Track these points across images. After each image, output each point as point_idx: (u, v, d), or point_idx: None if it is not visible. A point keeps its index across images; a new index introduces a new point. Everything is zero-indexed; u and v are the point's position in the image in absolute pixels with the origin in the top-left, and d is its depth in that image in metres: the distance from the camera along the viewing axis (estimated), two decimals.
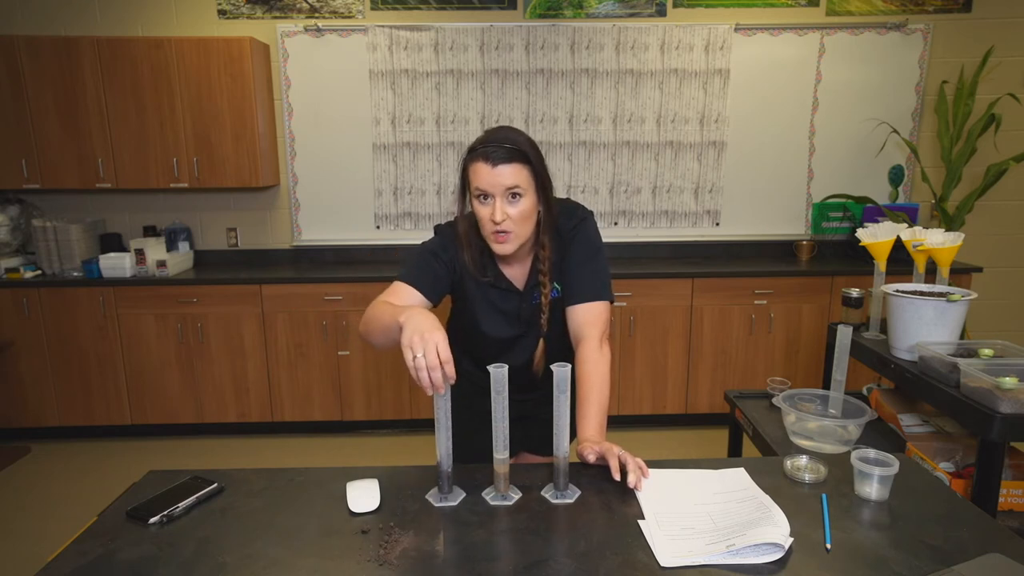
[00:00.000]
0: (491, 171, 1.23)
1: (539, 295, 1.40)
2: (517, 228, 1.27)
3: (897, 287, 1.73)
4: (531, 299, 1.41)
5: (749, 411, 1.93)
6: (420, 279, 1.34)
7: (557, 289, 1.42)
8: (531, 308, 1.41)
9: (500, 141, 1.25)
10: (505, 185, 1.23)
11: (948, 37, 3.55)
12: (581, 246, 1.39)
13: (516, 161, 1.24)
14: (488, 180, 1.23)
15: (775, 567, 0.90)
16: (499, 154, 1.23)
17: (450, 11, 3.49)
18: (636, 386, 3.44)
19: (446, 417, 1.06)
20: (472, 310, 1.42)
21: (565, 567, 0.90)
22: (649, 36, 3.50)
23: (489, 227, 1.27)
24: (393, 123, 3.57)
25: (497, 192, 1.24)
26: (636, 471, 1.12)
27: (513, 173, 1.24)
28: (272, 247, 3.75)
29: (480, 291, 1.41)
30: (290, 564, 0.92)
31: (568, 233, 1.39)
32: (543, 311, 1.39)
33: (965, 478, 1.55)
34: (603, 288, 1.38)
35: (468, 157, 1.28)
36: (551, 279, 1.39)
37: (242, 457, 3.25)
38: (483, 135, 1.29)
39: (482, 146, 1.25)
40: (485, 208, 1.27)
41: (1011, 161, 3.28)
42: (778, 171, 3.69)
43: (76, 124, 3.25)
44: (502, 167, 1.23)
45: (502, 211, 1.24)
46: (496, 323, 1.42)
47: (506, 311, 1.42)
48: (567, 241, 1.39)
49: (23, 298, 3.22)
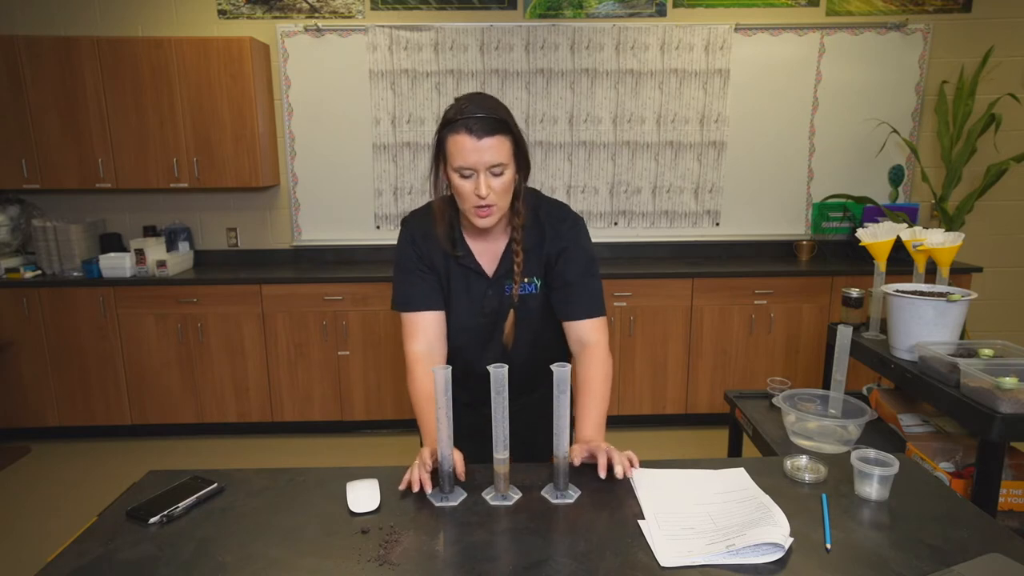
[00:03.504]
0: (476, 145, 1.17)
1: (510, 286, 1.35)
2: (500, 201, 1.24)
3: (897, 287, 1.73)
4: (501, 288, 1.35)
5: (749, 411, 1.93)
6: (424, 300, 1.33)
7: (535, 284, 1.37)
8: (498, 297, 1.36)
9: (481, 111, 1.18)
10: (490, 162, 1.19)
11: (948, 37, 3.55)
12: (582, 254, 1.36)
13: (499, 132, 1.19)
14: (473, 156, 1.18)
15: (775, 567, 0.90)
16: (483, 126, 1.17)
17: (450, 11, 3.49)
18: (636, 386, 3.44)
19: (447, 418, 1.06)
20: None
21: (565, 567, 0.90)
22: (649, 36, 3.50)
23: (472, 201, 1.23)
24: (393, 123, 3.57)
25: (481, 168, 1.19)
26: (623, 462, 1.13)
27: (497, 146, 1.19)
28: (272, 247, 3.75)
29: (446, 273, 1.36)
30: (290, 564, 0.92)
31: (556, 225, 1.35)
32: (513, 300, 1.34)
33: (965, 478, 1.55)
34: (603, 303, 1.39)
35: (447, 129, 1.21)
36: (523, 270, 1.33)
37: (242, 457, 3.25)
38: (459, 104, 1.21)
39: (462, 117, 1.18)
40: (468, 183, 1.21)
41: (1011, 161, 3.27)
42: (778, 171, 3.69)
43: (76, 124, 3.25)
44: (487, 140, 1.17)
45: (487, 185, 1.20)
46: (461, 307, 1.37)
47: (472, 295, 1.36)
48: (554, 232, 1.35)
49: (23, 298, 3.22)
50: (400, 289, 1.36)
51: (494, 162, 1.19)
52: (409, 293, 1.34)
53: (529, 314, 1.38)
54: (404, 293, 1.35)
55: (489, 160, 1.19)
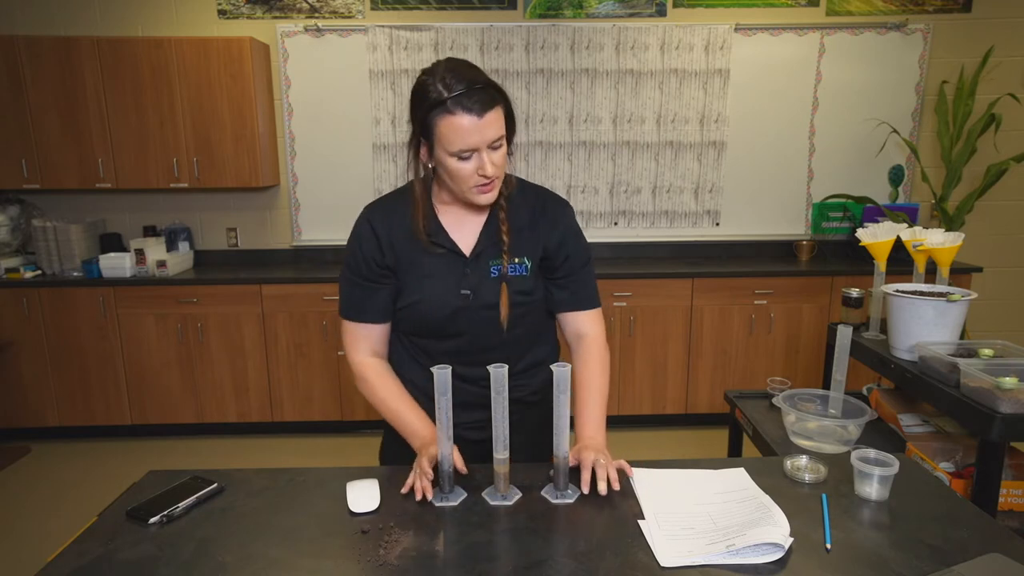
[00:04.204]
0: (477, 124, 1.07)
1: (497, 267, 1.23)
2: (501, 173, 1.16)
3: (897, 287, 1.73)
4: (483, 269, 1.23)
5: (749, 411, 1.93)
6: (377, 313, 1.26)
7: (525, 265, 1.25)
8: (479, 276, 1.23)
9: (470, 84, 1.08)
10: (492, 137, 1.10)
11: (948, 37, 3.55)
12: (581, 242, 1.30)
13: (495, 103, 1.10)
14: (475, 137, 1.08)
15: (775, 567, 0.90)
16: (480, 100, 1.07)
17: (450, 11, 3.49)
18: (636, 386, 3.44)
19: (447, 418, 1.05)
20: (409, 287, 1.25)
21: (565, 567, 0.90)
22: (649, 36, 3.50)
23: (474, 181, 1.14)
24: (393, 123, 3.57)
25: (483, 146, 1.10)
26: (608, 476, 1.11)
27: (496, 120, 1.10)
28: (272, 247, 3.75)
29: (415, 264, 1.24)
30: (290, 564, 0.92)
31: (551, 207, 1.28)
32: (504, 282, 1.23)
33: (965, 478, 1.55)
34: (598, 293, 1.35)
35: (437, 111, 1.08)
36: (510, 248, 1.23)
37: (242, 457, 3.25)
38: (438, 78, 1.08)
39: (452, 95, 1.06)
40: (468, 164, 1.12)
41: (1011, 161, 3.27)
42: (778, 171, 3.69)
43: (76, 124, 3.25)
44: (488, 115, 1.08)
45: (491, 162, 1.12)
46: (435, 289, 1.23)
47: (448, 277, 1.23)
48: (547, 216, 1.27)
49: (23, 298, 3.22)
50: (352, 295, 1.26)
51: (495, 137, 1.11)
52: (363, 304, 1.26)
53: (521, 299, 1.25)
54: (357, 301, 1.26)
55: (491, 136, 1.10)
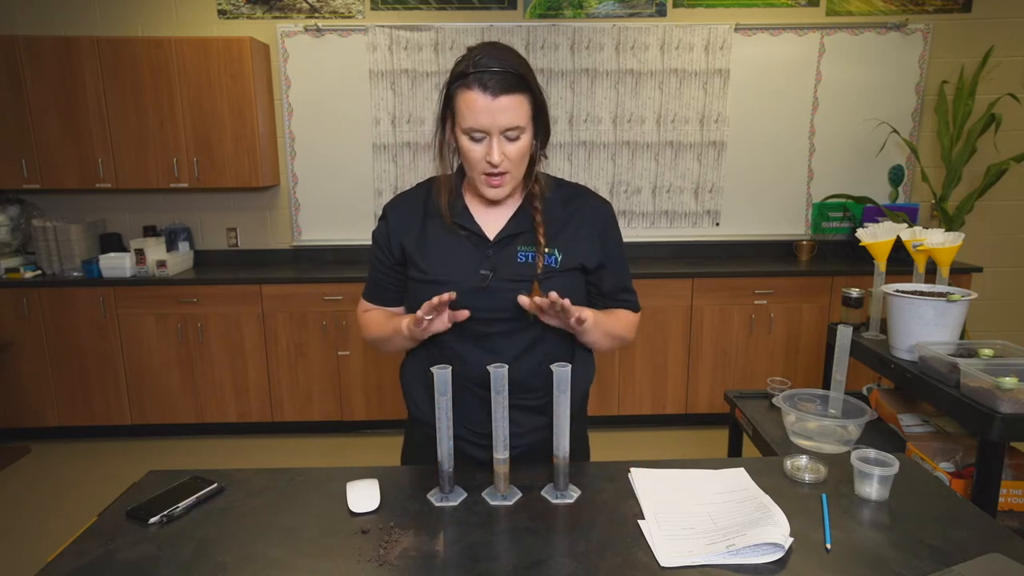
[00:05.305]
0: (490, 103, 1.05)
1: (524, 253, 1.18)
2: (514, 169, 1.12)
3: (897, 287, 1.73)
4: (512, 254, 1.18)
5: (749, 411, 1.93)
6: (394, 300, 1.32)
7: (556, 257, 1.19)
8: (501, 259, 1.17)
9: (497, 64, 1.05)
10: (505, 124, 1.07)
11: (948, 37, 3.55)
12: (618, 237, 1.28)
13: (517, 90, 1.06)
14: (486, 117, 1.06)
15: (775, 567, 0.90)
16: (499, 82, 1.05)
17: (450, 11, 3.49)
18: (636, 386, 3.43)
19: (447, 418, 1.05)
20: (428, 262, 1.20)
21: (565, 567, 0.90)
22: (649, 36, 3.50)
23: (482, 168, 1.11)
24: (393, 123, 3.57)
25: (495, 131, 1.07)
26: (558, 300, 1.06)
27: (514, 107, 1.06)
28: (272, 247, 3.75)
29: (437, 243, 1.21)
30: (290, 564, 0.92)
31: (590, 201, 1.25)
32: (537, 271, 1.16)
33: (965, 478, 1.55)
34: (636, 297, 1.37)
35: (458, 83, 1.07)
36: (545, 242, 1.18)
37: (242, 457, 3.25)
38: (471, 55, 1.07)
39: (475, 70, 1.05)
40: (478, 147, 1.09)
41: (1011, 161, 3.27)
42: (778, 171, 3.69)
43: (76, 124, 3.25)
44: (503, 99, 1.05)
45: (500, 151, 1.08)
46: (453, 267, 1.18)
47: (467, 259, 1.19)
48: (589, 208, 1.24)
49: (23, 298, 3.22)
50: (372, 278, 1.32)
51: (510, 125, 1.07)
52: (384, 292, 1.31)
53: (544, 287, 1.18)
54: (373, 286, 1.32)
55: (504, 122, 1.07)
